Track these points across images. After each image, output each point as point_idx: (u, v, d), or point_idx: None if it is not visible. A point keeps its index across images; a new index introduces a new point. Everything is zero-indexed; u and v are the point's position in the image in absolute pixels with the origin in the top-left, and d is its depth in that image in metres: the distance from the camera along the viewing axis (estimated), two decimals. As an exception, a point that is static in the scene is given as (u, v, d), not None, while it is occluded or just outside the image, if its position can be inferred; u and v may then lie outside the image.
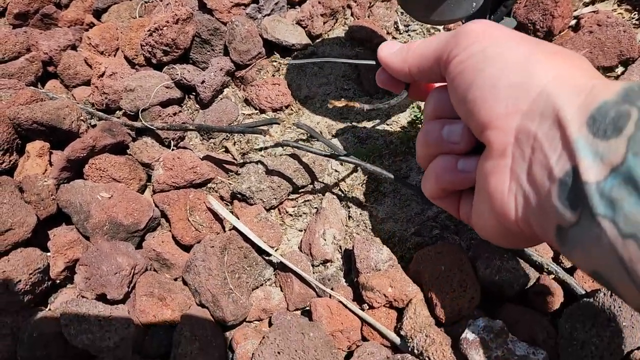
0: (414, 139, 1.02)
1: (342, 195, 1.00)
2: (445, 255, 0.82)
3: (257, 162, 1.01)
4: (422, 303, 0.80)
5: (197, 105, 1.18)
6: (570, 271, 0.81)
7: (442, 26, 1.16)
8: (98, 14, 1.35)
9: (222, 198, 1.04)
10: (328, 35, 1.21)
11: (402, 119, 1.06)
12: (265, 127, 0.97)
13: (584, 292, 0.77)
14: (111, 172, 1.01)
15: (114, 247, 0.92)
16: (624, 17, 1.16)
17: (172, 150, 1.10)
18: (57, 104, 1.04)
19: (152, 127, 1.05)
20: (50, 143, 1.06)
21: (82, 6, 1.37)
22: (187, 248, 0.98)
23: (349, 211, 0.98)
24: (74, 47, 1.29)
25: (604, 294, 0.71)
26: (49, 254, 0.93)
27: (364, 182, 1.00)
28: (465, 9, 0.82)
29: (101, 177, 1.02)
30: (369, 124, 1.07)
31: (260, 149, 1.07)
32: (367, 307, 0.83)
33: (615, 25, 1.03)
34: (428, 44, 0.40)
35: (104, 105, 1.17)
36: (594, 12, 1.13)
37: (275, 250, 0.95)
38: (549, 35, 1.07)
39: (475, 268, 0.81)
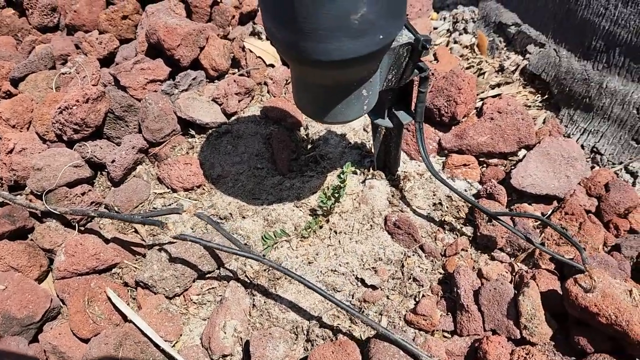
0: (321, 223, 1.03)
1: (248, 282, 0.99)
2: (340, 356, 0.82)
3: (160, 249, 0.99)
4: (312, 407, 0.79)
5: (109, 183, 1.16)
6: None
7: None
8: (15, 82, 1.33)
9: (126, 284, 1.02)
10: (244, 113, 1.22)
11: (311, 201, 1.07)
12: (163, 219, 0.96)
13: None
14: (9, 260, 0.98)
15: (3, 345, 0.88)
16: (528, 99, 1.21)
17: (79, 231, 1.07)
18: (-46, 189, 1.00)
19: (55, 212, 1.03)
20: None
21: (-1, 73, 1.34)
22: (86, 340, 0.95)
23: (254, 299, 0.97)
24: (-15, 119, 1.26)
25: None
26: None
27: (270, 268, 0.99)
28: (357, 111, 0.84)
29: (-2, 265, 0.98)
30: (279, 206, 1.07)
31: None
32: (260, 409, 0.82)
33: (514, 112, 1.07)
34: None
35: (13, 182, 1.13)
36: (497, 95, 1.18)
37: (174, 345, 0.93)
38: (453, 120, 1.10)
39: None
